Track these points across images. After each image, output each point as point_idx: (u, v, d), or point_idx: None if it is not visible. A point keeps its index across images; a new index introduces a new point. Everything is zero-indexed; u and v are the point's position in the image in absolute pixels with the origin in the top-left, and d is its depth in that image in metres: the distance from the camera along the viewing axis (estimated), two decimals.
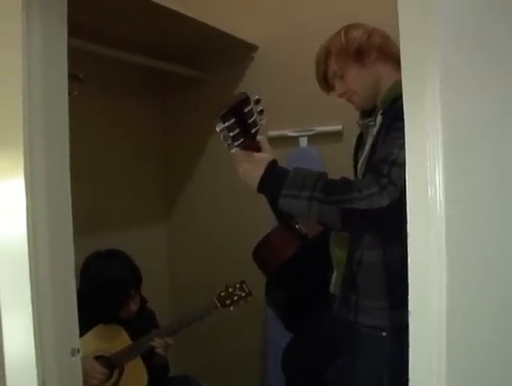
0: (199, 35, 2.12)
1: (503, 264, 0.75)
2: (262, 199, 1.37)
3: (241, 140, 1.16)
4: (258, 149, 1.21)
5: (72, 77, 1.73)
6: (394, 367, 0.92)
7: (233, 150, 1.18)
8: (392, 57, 1.32)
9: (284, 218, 1.46)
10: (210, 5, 2.22)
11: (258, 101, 1.13)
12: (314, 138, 2.22)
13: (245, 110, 1.11)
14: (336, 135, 2.16)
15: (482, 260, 0.75)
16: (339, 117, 2.11)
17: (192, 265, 2.63)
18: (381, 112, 1.28)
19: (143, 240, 2.50)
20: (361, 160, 1.35)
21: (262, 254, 1.68)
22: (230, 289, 1.88)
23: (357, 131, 1.46)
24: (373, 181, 1.11)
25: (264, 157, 1.21)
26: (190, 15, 1.90)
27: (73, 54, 1.16)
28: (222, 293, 1.88)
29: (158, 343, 1.77)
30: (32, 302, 1.06)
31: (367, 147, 1.32)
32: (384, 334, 1.21)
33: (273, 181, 1.19)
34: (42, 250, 1.08)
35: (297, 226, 1.49)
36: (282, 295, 1.72)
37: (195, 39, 2.19)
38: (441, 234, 0.75)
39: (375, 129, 1.29)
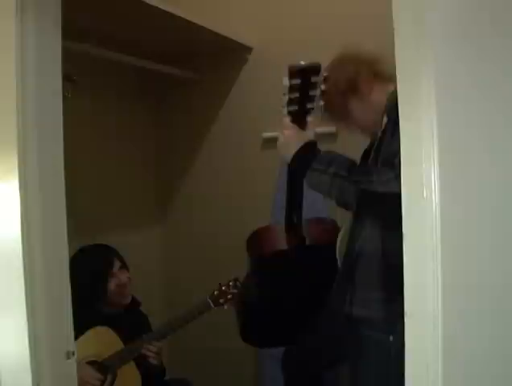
0: (193, 37, 2.12)
1: (499, 265, 0.75)
2: (258, 198, 1.37)
3: (295, 107, 1.22)
4: (304, 129, 1.28)
5: (66, 78, 1.72)
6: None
7: (284, 112, 1.25)
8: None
9: (290, 214, 1.48)
10: (205, 7, 2.22)
11: (325, 79, 1.18)
12: None
13: (312, 80, 1.16)
14: (330, 136, 2.15)
15: (477, 262, 0.76)
16: None
17: (187, 266, 2.62)
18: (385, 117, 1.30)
19: (138, 241, 2.49)
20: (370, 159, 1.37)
21: (259, 239, 1.70)
22: (223, 288, 1.86)
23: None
24: (388, 170, 1.16)
25: (309, 136, 1.30)
26: (185, 17, 1.90)
27: (65, 55, 1.16)
28: (215, 292, 1.85)
29: (149, 350, 1.75)
30: (26, 304, 1.05)
31: (374, 146, 1.34)
32: (391, 338, 1.19)
33: (306, 155, 1.28)
34: (36, 252, 1.07)
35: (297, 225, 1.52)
36: (255, 290, 1.72)
37: (189, 41, 2.19)
38: (436, 236, 0.75)
39: (380, 130, 1.30)
